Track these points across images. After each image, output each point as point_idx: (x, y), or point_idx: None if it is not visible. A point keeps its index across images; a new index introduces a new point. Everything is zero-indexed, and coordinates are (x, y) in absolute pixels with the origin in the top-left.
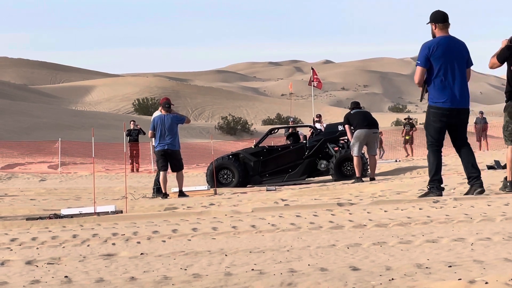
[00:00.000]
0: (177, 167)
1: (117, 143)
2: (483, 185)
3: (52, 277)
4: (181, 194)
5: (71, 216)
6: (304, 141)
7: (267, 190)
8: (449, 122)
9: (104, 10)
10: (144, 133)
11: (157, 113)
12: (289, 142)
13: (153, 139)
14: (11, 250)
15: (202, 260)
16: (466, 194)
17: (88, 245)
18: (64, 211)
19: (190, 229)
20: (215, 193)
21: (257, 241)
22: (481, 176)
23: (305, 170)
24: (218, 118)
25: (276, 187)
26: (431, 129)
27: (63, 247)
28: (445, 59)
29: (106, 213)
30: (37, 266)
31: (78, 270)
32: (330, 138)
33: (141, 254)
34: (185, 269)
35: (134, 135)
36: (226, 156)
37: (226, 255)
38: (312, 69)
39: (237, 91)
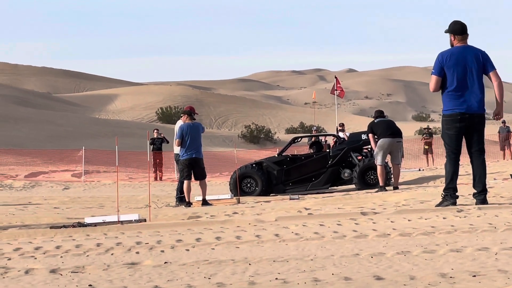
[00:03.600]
0: (201, 176)
1: (140, 151)
2: (486, 201)
3: (76, 286)
4: (205, 202)
5: (95, 224)
6: (328, 150)
7: (290, 199)
8: (462, 128)
9: (128, 19)
10: (168, 142)
11: (180, 122)
12: (312, 151)
13: (176, 147)
14: (35, 258)
15: (226, 269)
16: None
17: (112, 254)
18: (88, 220)
19: (213, 238)
20: (239, 202)
21: (280, 250)
22: (487, 191)
23: (329, 179)
24: (241, 127)
25: (300, 196)
26: (446, 137)
27: (87, 255)
28: (458, 68)
29: (130, 221)
30: (61, 275)
31: (102, 279)
32: (353, 147)
33: (165, 262)
34: (209, 278)
35: (157, 144)
36: (250, 164)
37: (250, 264)
38: (336, 78)
39: (260, 100)
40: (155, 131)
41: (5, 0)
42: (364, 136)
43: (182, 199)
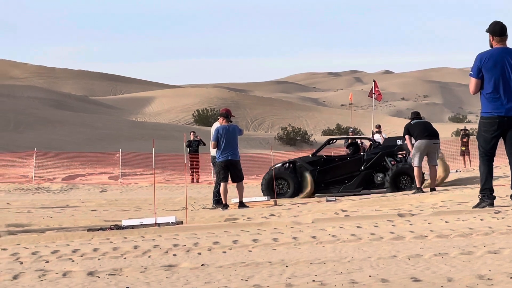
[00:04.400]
0: (238, 178)
1: (177, 154)
2: None
3: None
4: (241, 205)
5: (132, 227)
6: (362, 153)
7: (327, 201)
8: (499, 131)
9: (165, 22)
10: (204, 144)
11: (216, 124)
12: (348, 152)
13: (213, 149)
14: (73, 261)
15: (263, 271)
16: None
17: (149, 256)
18: (125, 222)
19: (250, 240)
20: (275, 204)
21: (317, 252)
22: None
23: (361, 182)
24: (277, 129)
25: (336, 197)
26: (481, 139)
27: (125, 258)
28: (497, 70)
29: (167, 224)
30: (98, 277)
31: (140, 281)
32: (388, 151)
33: (202, 265)
34: (246, 280)
35: (194, 146)
36: (282, 164)
37: (287, 266)
38: (374, 81)
39: (296, 102)
40: (192, 133)
41: (43, 4)
42: (399, 142)
43: (219, 201)
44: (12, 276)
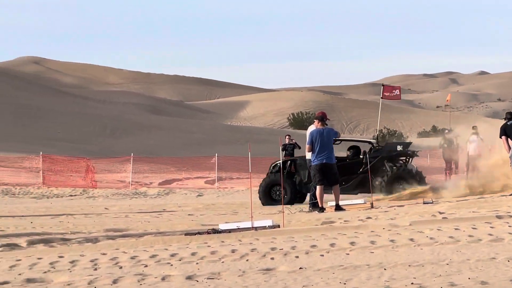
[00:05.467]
0: (334, 181)
1: (273, 157)
2: None
3: None
4: (338, 208)
5: (229, 231)
6: (362, 156)
7: (424, 203)
8: None
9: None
10: (300, 147)
11: (312, 127)
12: (349, 153)
13: (308, 153)
14: (171, 265)
15: (361, 274)
16: None
17: (247, 260)
18: (222, 226)
19: (348, 243)
20: (372, 206)
21: (415, 255)
22: None
23: (359, 185)
24: (373, 131)
25: (433, 200)
26: None
27: (222, 262)
28: None
29: (264, 227)
30: (197, 281)
31: (238, 285)
32: (388, 156)
33: (300, 268)
34: (344, 283)
35: (289, 150)
36: (283, 161)
37: (385, 269)
38: (383, 85)
39: (391, 104)
40: (287, 137)
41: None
42: (399, 147)
43: (315, 205)
44: (112, 280)
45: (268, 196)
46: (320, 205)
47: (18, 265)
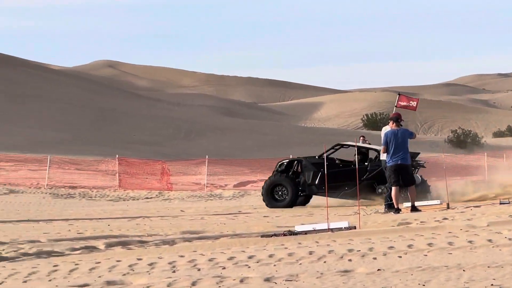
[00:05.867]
0: (409, 182)
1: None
2: None
3: None
4: (414, 209)
5: (305, 232)
6: (366, 163)
7: (500, 203)
8: None
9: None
10: None
11: (387, 128)
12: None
13: (383, 154)
14: (249, 267)
15: (440, 275)
16: None
17: (325, 262)
18: (298, 228)
19: (425, 244)
20: (448, 207)
21: (494, 256)
22: None
23: (361, 191)
24: (447, 132)
25: (510, 200)
26: None
27: (300, 263)
28: None
29: (340, 229)
30: (275, 283)
31: (317, 287)
32: None
33: (378, 270)
34: (423, 285)
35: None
36: (289, 161)
37: (463, 270)
38: (399, 94)
39: (466, 104)
40: (361, 138)
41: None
42: None
43: (391, 206)
44: (191, 282)
45: (271, 196)
46: (396, 206)
47: (97, 268)
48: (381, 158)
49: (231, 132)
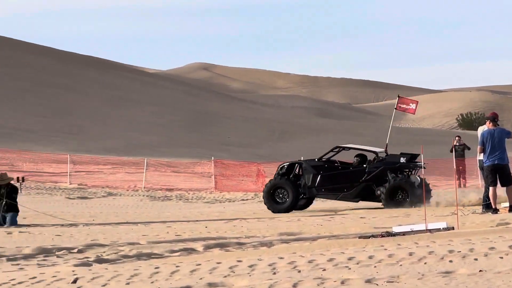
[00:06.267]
0: (507, 182)
1: (443, 159)
2: None
3: None
4: None
5: (403, 233)
6: (365, 165)
7: None
8: None
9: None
10: (469, 148)
11: (483, 128)
12: (354, 161)
13: (480, 154)
14: (349, 268)
15: None
16: None
17: (425, 263)
18: (396, 229)
19: None
20: None
21: None
22: None
23: (360, 193)
24: None
25: None
26: None
27: (400, 265)
28: None
29: (438, 229)
30: (377, 285)
31: None
32: (390, 167)
33: (480, 271)
34: None
35: (459, 151)
36: (290, 163)
37: None
38: (398, 96)
39: None
40: (457, 137)
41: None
42: (403, 159)
43: (488, 206)
44: (292, 284)
45: (272, 199)
46: (493, 207)
47: (198, 270)
48: (478, 158)
49: (325, 133)
